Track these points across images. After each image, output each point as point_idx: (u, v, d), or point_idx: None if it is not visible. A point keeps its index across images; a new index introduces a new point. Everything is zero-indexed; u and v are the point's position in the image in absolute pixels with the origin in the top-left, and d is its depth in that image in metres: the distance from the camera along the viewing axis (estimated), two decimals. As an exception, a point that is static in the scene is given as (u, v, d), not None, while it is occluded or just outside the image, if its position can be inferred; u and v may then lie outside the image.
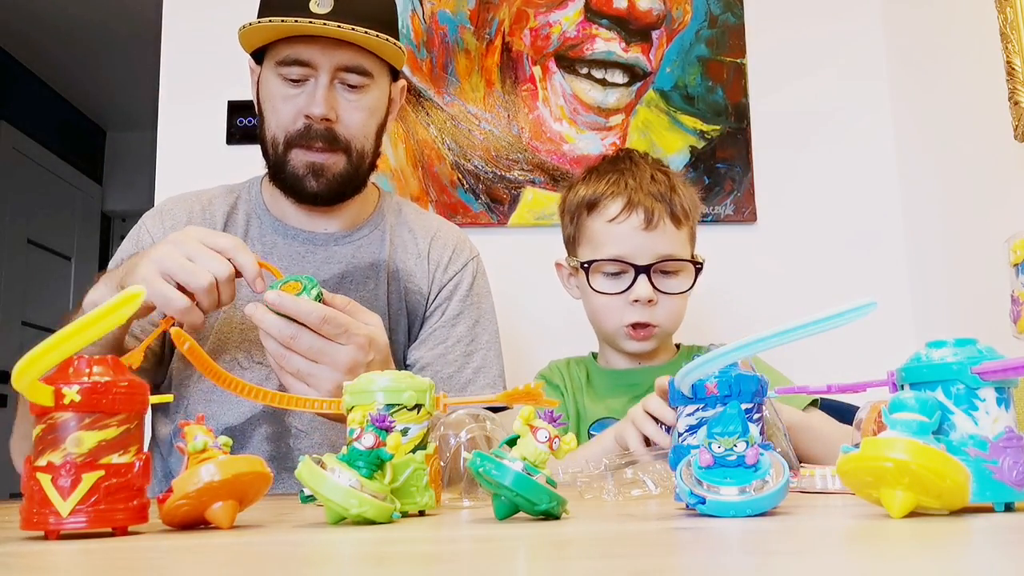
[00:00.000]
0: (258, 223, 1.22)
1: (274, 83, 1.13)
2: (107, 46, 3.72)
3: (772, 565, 0.38)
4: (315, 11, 1.07)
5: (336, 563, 0.44)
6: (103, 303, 0.51)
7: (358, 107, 1.14)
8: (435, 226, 1.30)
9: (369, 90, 1.15)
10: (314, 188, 1.14)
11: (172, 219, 1.21)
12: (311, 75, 1.11)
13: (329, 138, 1.12)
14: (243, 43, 1.14)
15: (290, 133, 1.13)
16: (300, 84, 1.12)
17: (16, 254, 3.73)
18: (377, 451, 0.57)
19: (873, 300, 0.54)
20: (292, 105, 1.12)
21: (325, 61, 1.10)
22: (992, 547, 0.43)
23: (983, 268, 1.51)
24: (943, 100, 1.69)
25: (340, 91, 1.13)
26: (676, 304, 1.21)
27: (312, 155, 1.13)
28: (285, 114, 1.13)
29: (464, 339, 1.23)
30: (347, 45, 1.10)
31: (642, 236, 1.19)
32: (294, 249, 1.20)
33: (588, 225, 1.25)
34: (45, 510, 0.51)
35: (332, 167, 1.14)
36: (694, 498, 0.55)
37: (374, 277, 1.20)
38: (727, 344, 0.58)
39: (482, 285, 1.29)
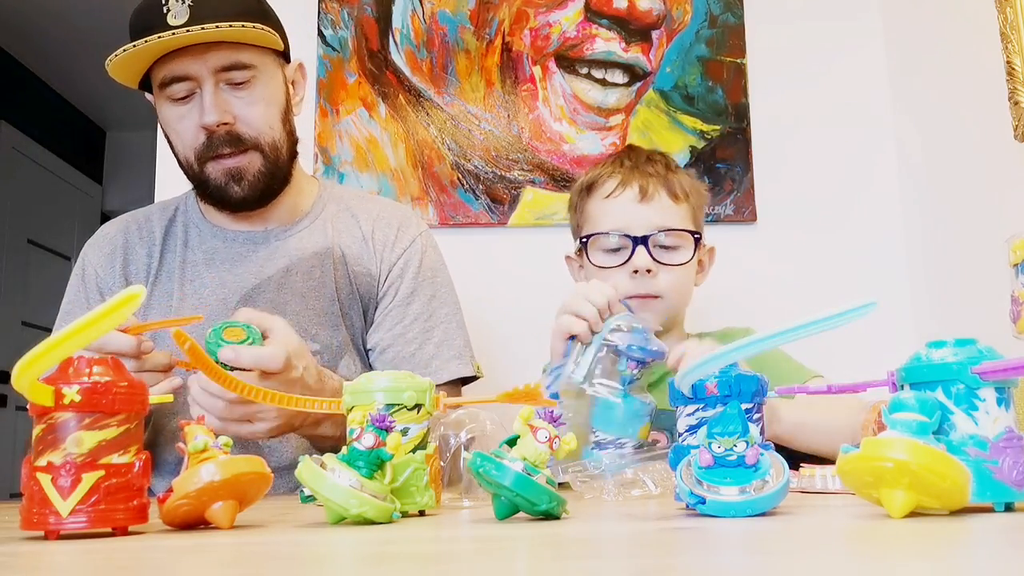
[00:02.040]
0: (197, 232, 1.23)
1: (166, 107, 1.14)
2: (107, 46, 3.70)
3: (772, 565, 0.38)
4: (173, 23, 1.07)
5: (336, 563, 0.44)
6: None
7: (250, 101, 1.13)
8: (378, 208, 1.30)
9: (256, 82, 1.14)
10: (239, 193, 1.15)
11: (110, 244, 1.23)
12: (194, 88, 1.11)
13: (233, 141, 1.12)
14: (122, 79, 1.14)
15: (196, 149, 1.13)
16: (189, 100, 1.12)
17: (16, 254, 3.73)
18: (377, 451, 0.57)
19: (873, 300, 0.54)
20: (188, 122, 1.12)
21: (201, 68, 1.10)
22: (992, 547, 0.42)
23: (983, 268, 1.51)
24: (943, 100, 1.69)
25: (228, 92, 1.12)
26: (678, 276, 1.20)
27: (225, 162, 1.13)
28: (185, 132, 1.13)
29: (421, 316, 1.22)
30: (218, 45, 1.10)
31: (638, 208, 1.19)
32: (235, 251, 1.21)
33: (587, 206, 1.26)
34: (45, 510, 0.51)
35: (249, 167, 1.14)
36: (694, 498, 0.55)
37: (319, 265, 1.20)
38: (736, 341, 0.58)
39: (433, 259, 1.28)
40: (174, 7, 1.07)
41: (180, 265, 1.20)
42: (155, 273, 1.20)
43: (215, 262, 1.20)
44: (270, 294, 1.18)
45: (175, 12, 1.07)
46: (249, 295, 1.18)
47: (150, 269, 1.21)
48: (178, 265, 1.20)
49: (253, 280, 1.19)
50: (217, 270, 1.19)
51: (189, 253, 1.21)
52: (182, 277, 1.19)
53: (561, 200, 1.85)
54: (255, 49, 1.13)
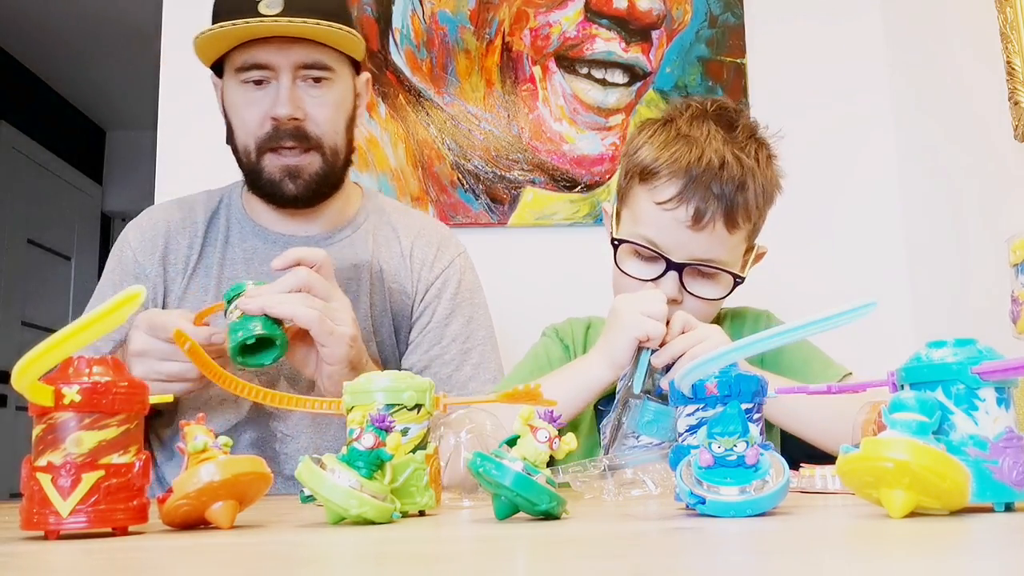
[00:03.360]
0: (239, 228, 1.21)
1: (237, 91, 1.12)
2: (107, 46, 3.71)
3: (772, 565, 0.38)
4: (265, 12, 1.06)
5: (336, 563, 0.44)
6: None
7: (323, 103, 1.13)
8: (419, 224, 1.29)
9: (332, 84, 1.14)
10: (292, 191, 1.14)
11: (153, 229, 1.21)
12: (271, 77, 1.10)
13: (299, 136, 1.12)
14: (201, 56, 1.13)
15: (259, 138, 1.12)
16: (262, 87, 1.11)
17: (16, 254, 3.73)
18: (377, 451, 0.57)
19: (873, 300, 0.54)
20: (257, 109, 1.11)
21: (283, 60, 1.09)
22: (992, 547, 0.42)
23: (983, 268, 1.51)
24: (943, 100, 1.69)
25: (303, 88, 1.12)
26: (703, 309, 1.08)
27: (285, 158, 1.12)
28: (251, 119, 1.12)
29: (459, 337, 1.22)
30: (303, 41, 1.09)
31: (685, 233, 1.04)
32: (274, 253, 1.17)
33: (637, 194, 1.09)
34: (45, 510, 0.51)
35: (307, 167, 1.13)
36: (694, 498, 0.55)
37: (356, 278, 1.19)
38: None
39: (471, 281, 1.28)
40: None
41: (219, 261, 1.19)
42: (193, 266, 1.18)
43: (253, 262, 1.18)
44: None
45: (269, 1, 1.07)
46: None
47: (188, 261, 1.19)
48: (217, 261, 1.19)
49: None
50: (255, 271, 1.17)
51: (229, 250, 1.20)
52: (220, 274, 1.18)
53: (561, 200, 1.85)
54: (336, 53, 1.13)
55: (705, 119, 1.09)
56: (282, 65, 1.09)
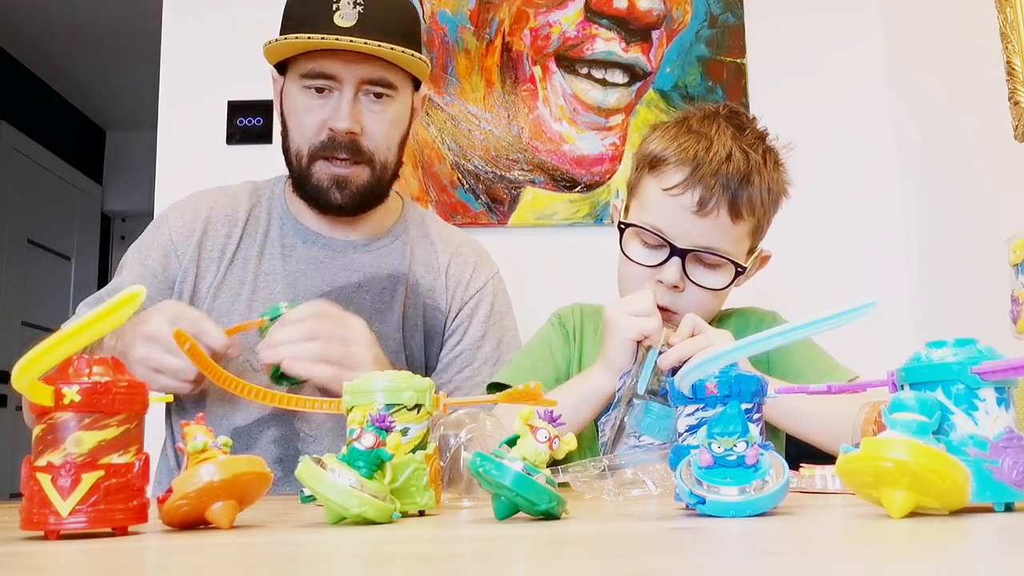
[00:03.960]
0: (279, 224, 1.22)
1: (298, 95, 1.13)
2: (107, 46, 3.71)
3: (772, 565, 0.38)
4: (340, 24, 1.07)
5: (336, 563, 0.44)
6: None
7: (382, 119, 1.14)
8: (457, 241, 1.29)
9: (393, 102, 1.15)
10: (338, 200, 1.15)
11: (193, 212, 1.21)
12: (335, 87, 1.11)
13: (353, 150, 1.13)
14: (267, 56, 1.14)
15: (314, 145, 1.13)
16: (324, 95, 1.12)
17: (16, 254, 3.73)
18: (377, 451, 0.57)
19: (873, 300, 0.54)
20: (316, 117, 1.12)
21: (349, 74, 1.10)
22: (992, 547, 0.42)
23: (983, 268, 1.51)
24: (943, 100, 1.69)
25: (364, 103, 1.13)
26: (705, 298, 1.10)
27: (336, 167, 1.14)
28: (309, 126, 1.13)
29: (490, 359, 1.23)
30: (371, 58, 1.10)
31: (690, 219, 1.06)
32: (312, 254, 1.20)
33: (645, 182, 1.13)
34: (45, 510, 0.51)
35: (356, 179, 1.14)
36: (694, 498, 0.55)
37: (391, 288, 1.19)
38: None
39: (503, 303, 1.29)
40: (344, 8, 1.08)
41: (258, 254, 1.19)
42: (231, 256, 1.19)
43: (291, 260, 1.19)
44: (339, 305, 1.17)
45: (344, 13, 1.08)
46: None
47: (226, 251, 1.19)
48: (256, 253, 1.19)
49: (324, 287, 1.18)
50: (291, 269, 1.18)
51: (268, 244, 1.20)
52: (257, 267, 1.18)
53: (561, 200, 1.85)
54: (400, 71, 1.14)
55: (716, 118, 1.13)
56: (347, 78, 1.11)
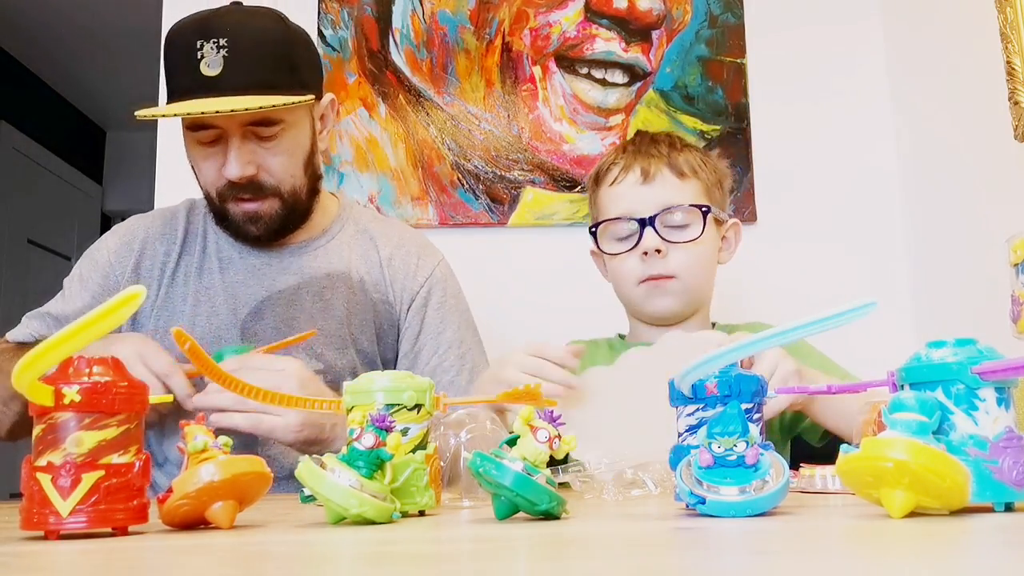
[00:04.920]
0: (215, 237, 1.24)
1: (192, 146, 1.15)
2: (107, 46, 3.71)
3: (772, 565, 0.38)
4: (207, 73, 1.07)
5: (336, 563, 0.44)
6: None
7: (275, 153, 1.14)
8: (397, 234, 1.30)
9: (285, 134, 1.14)
10: (254, 232, 1.17)
11: (130, 235, 1.24)
12: (221, 135, 1.12)
13: (254, 188, 1.14)
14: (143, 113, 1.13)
15: (219, 189, 1.15)
16: (215, 144, 1.13)
17: (16, 254, 3.73)
18: (377, 451, 0.57)
19: (873, 300, 0.54)
20: (212, 165, 1.14)
21: (231, 124, 1.10)
22: (992, 547, 0.42)
23: (983, 268, 1.51)
24: (943, 100, 1.69)
25: (254, 143, 1.13)
26: (691, 254, 1.16)
27: (245, 205, 1.15)
28: (209, 173, 1.15)
29: (454, 343, 1.24)
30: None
31: (641, 190, 1.17)
32: (249, 263, 1.22)
33: (597, 196, 1.25)
34: (45, 510, 0.51)
35: (267, 212, 1.16)
36: (694, 498, 0.55)
37: (330, 287, 1.21)
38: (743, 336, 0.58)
39: (454, 287, 1.30)
40: (208, 55, 1.07)
41: (197, 270, 1.22)
42: (171, 273, 1.21)
43: (229, 271, 1.21)
44: (280, 309, 1.19)
45: (208, 60, 1.07)
46: (259, 308, 1.19)
47: (165, 268, 1.21)
48: (195, 269, 1.21)
49: (264, 293, 1.20)
50: (230, 280, 1.20)
51: (206, 259, 1.22)
52: (198, 282, 1.21)
53: (561, 200, 1.85)
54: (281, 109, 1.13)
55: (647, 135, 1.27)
56: (230, 127, 1.10)
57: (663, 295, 1.17)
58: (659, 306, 1.18)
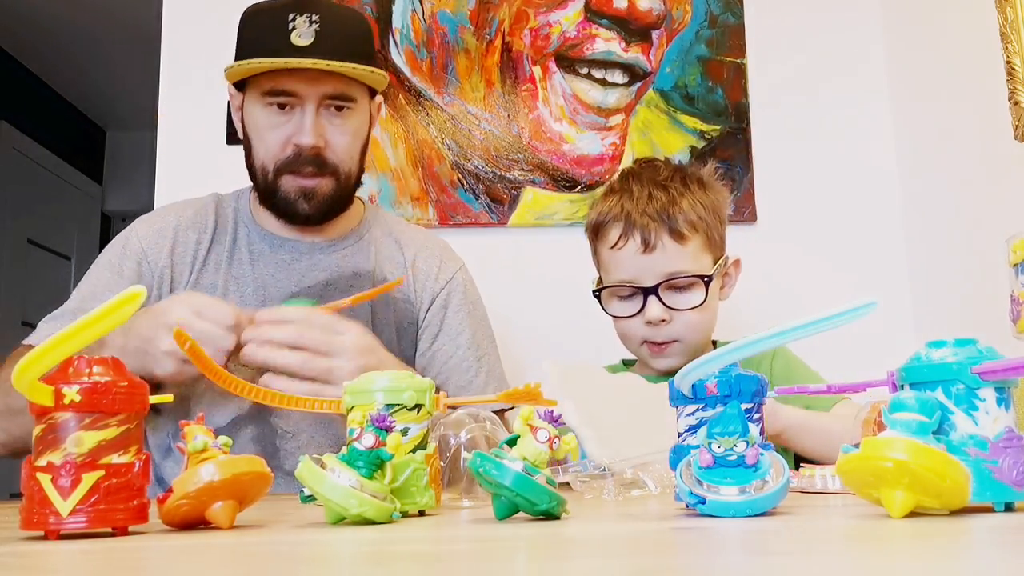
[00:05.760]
0: (246, 231, 1.24)
1: (260, 113, 1.15)
2: (107, 46, 3.71)
3: (772, 565, 0.38)
4: (297, 43, 1.09)
5: (336, 563, 0.44)
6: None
7: (344, 132, 1.17)
8: (421, 238, 1.33)
9: (353, 114, 1.18)
10: (305, 211, 1.18)
11: (162, 221, 1.24)
12: (297, 103, 1.13)
13: (318, 163, 1.15)
14: (227, 78, 1.16)
15: (280, 161, 1.15)
16: (286, 112, 1.14)
17: (16, 254, 3.72)
18: (377, 451, 0.57)
19: (873, 300, 0.54)
20: (280, 133, 1.14)
21: (310, 92, 1.13)
22: (992, 547, 0.42)
23: (983, 268, 1.51)
24: (943, 100, 1.69)
25: (326, 117, 1.15)
26: (692, 318, 1.19)
27: (302, 180, 1.16)
28: (273, 142, 1.15)
29: (472, 346, 1.26)
30: (330, 75, 1.12)
31: (643, 260, 1.18)
32: (279, 257, 1.22)
33: (598, 250, 1.27)
34: (45, 510, 0.51)
35: (321, 190, 1.17)
36: (694, 498, 0.55)
37: (358, 286, 1.22)
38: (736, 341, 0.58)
39: (474, 293, 1.32)
40: (300, 26, 1.10)
41: (227, 259, 1.22)
42: (203, 260, 1.21)
43: (259, 264, 1.22)
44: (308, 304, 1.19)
45: (300, 32, 1.10)
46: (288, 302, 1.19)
47: (197, 255, 1.21)
48: (225, 258, 1.22)
49: (293, 288, 1.20)
50: (260, 272, 1.21)
51: (236, 250, 1.23)
52: (228, 272, 1.21)
53: (561, 200, 1.85)
54: (359, 85, 1.17)
55: (631, 172, 1.27)
56: (308, 95, 1.13)
57: (667, 356, 1.22)
58: (662, 364, 1.23)
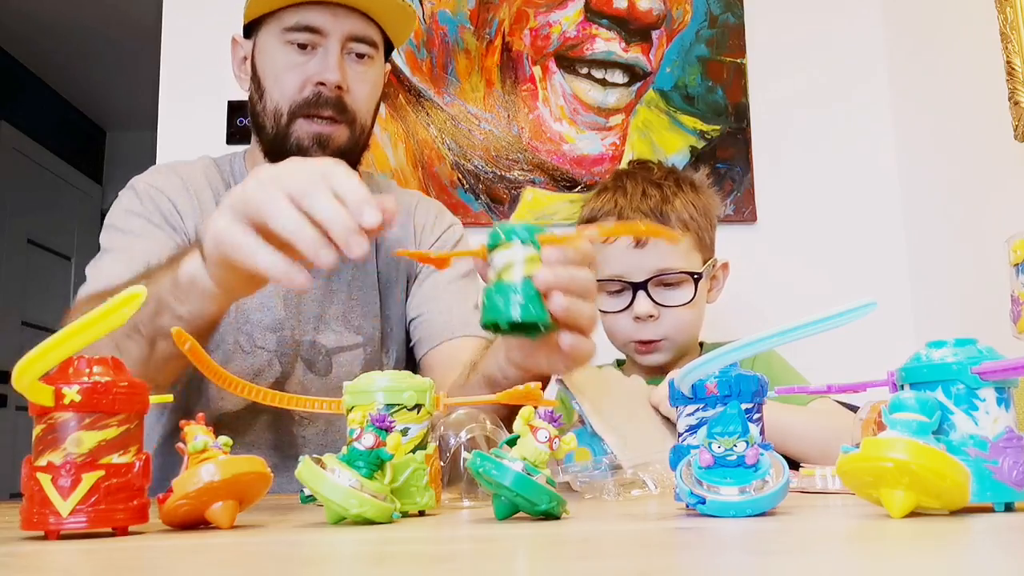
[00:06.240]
0: None
1: (278, 51, 1.09)
2: (107, 46, 3.71)
3: (772, 565, 0.38)
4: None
5: (336, 563, 0.44)
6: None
7: (364, 79, 1.12)
8: (416, 197, 1.32)
9: (373, 63, 1.13)
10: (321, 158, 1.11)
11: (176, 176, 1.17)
12: (319, 42, 1.08)
13: (339, 107, 1.09)
14: (250, 10, 1.10)
15: (296, 102, 1.09)
16: (307, 52, 1.09)
17: (16, 254, 3.73)
18: (377, 451, 0.57)
19: (873, 300, 0.54)
20: (299, 73, 1.08)
21: (336, 28, 1.07)
22: (992, 547, 0.42)
23: (983, 268, 1.51)
24: (943, 100, 1.69)
25: (348, 61, 1.10)
26: (681, 316, 1.19)
27: (318, 125, 1.09)
28: (291, 83, 1.09)
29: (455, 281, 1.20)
30: (354, 12, 1.08)
31: (633, 254, 1.17)
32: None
33: None
34: (45, 510, 0.51)
35: (336, 138, 1.11)
36: (694, 498, 0.55)
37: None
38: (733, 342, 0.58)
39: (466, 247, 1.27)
40: None
41: None
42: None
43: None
44: (320, 279, 1.16)
45: None
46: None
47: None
48: None
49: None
50: None
51: None
52: None
53: (561, 200, 1.85)
54: (378, 33, 1.13)
55: (625, 172, 1.27)
56: (333, 32, 1.07)
57: (654, 353, 1.21)
58: (649, 361, 1.22)
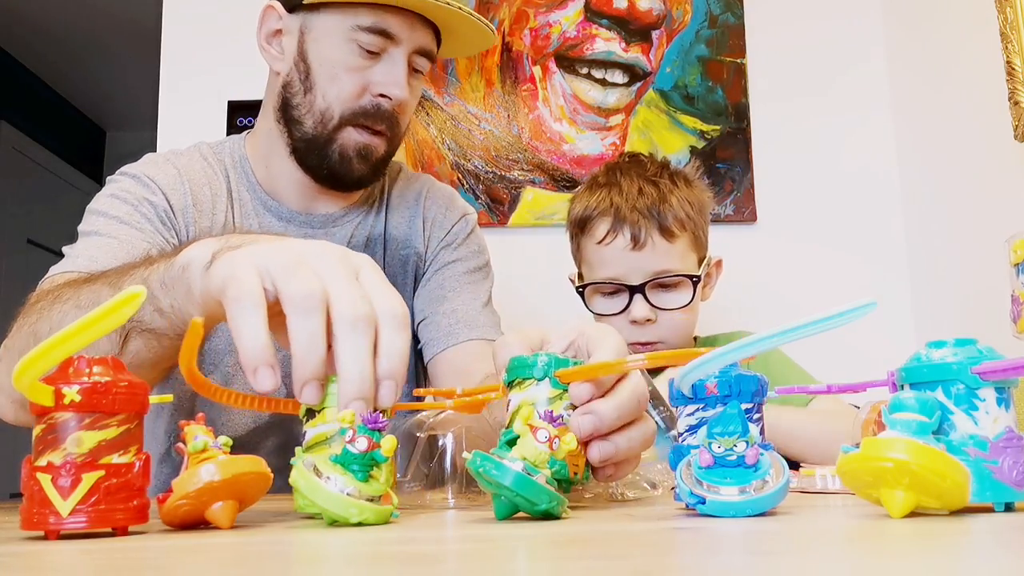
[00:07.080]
0: (250, 197, 1.10)
1: (343, 49, 1.01)
2: (107, 46, 3.71)
3: (772, 565, 0.38)
4: None
5: (335, 563, 0.44)
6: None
7: (415, 96, 1.07)
8: (426, 183, 1.23)
9: (423, 81, 1.09)
10: (359, 171, 1.05)
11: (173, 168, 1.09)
12: (387, 48, 1.01)
13: (392, 122, 1.04)
14: None
15: (352, 110, 1.02)
16: (372, 56, 1.01)
17: (16, 254, 3.72)
18: (372, 454, 0.57)
19: (873, 300, 0.54)
20: (362, 78, 1.01)
21: (410, 38, 1.01)
22: (992, 547, 0.42)
23: (983, 268, 1.51)
24: (943, 100, 1.69)
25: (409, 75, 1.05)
26: (678, 319, 1.18)
27: (367, 137, 1.03)
28: (350, 86, 1.01)
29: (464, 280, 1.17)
30: (425, 24, 1.02)
31: (631, 256, 1.16)
32: (290, 232, 1.10)
33: (583, 245, 1.23)
34: (45, 510, 0.51)
35: (377, 151, 1.05)
36: (694, 498, 0.55)
37: (371, 251, 1.14)
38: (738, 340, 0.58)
39: (480, 239, 1.23)
40: None
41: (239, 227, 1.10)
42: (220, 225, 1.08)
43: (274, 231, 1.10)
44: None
45: None
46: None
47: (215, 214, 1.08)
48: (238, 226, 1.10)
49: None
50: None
51: (245, 220, 1.10)
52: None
53: (561, 200, 1.85)
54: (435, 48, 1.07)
55: (618, 166, 1.25)
56: (406, 42, 1.01)
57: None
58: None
